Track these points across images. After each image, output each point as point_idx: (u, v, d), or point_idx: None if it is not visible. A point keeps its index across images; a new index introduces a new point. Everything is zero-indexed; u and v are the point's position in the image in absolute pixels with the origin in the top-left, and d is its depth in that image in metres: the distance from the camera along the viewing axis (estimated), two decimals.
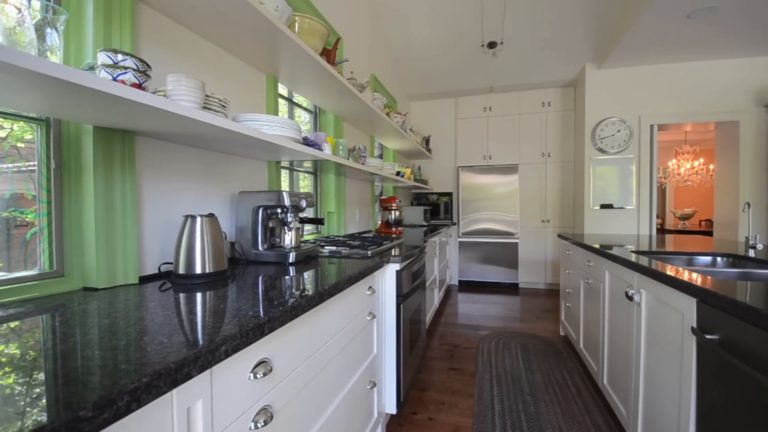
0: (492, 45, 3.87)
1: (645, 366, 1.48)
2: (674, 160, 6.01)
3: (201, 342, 0.64)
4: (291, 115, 2.22)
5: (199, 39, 1.40)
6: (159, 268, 1.21)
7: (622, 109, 4.01)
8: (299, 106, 2.36)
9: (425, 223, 4.17)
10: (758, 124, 3.64)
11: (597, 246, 2.11)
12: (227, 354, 0.67)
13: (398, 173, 3.27)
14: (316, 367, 1.07)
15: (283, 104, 2.18)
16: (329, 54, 1.82)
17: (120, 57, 0.89)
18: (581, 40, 3.75)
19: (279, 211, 1.45)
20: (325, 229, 2.55)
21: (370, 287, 1.53)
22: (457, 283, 5.05)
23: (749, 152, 3.67)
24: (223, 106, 1.16)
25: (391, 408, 1.76)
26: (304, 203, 1.47)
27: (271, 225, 1.48)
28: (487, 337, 3.03)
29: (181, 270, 1.12)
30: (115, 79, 0.86)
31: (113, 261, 1.06)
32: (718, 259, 1.82)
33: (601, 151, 4.07)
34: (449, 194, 5.04)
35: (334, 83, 1.85)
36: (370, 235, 2.70)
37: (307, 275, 1.25)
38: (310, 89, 1.95)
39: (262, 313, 0.80)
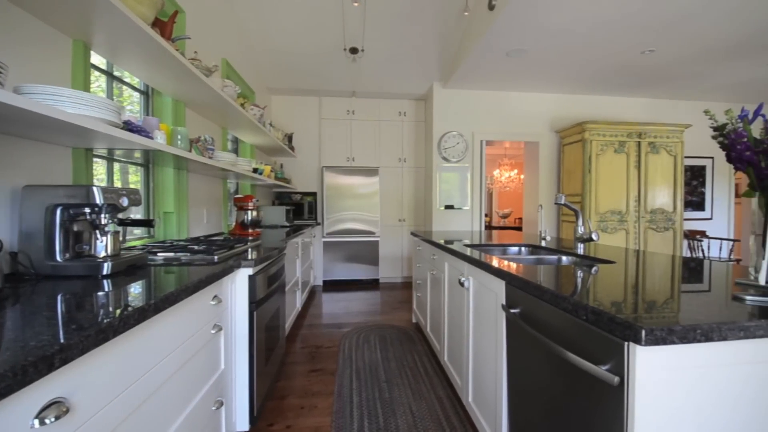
0: (354, 50, 4.00)
1: (473, 340, 1.74)
2: (498, 170, 7.38)
3: None
4: (110, 93, 1.81)
5: None
6: None
7: (460, 124, 4.70)
8: (127, 83, 1.96)
9: (287, 224, 4.03)
10: (551, 145, 4.81)
11: (441, 241, 2.39)
12: None
13: (256, 170, 3.06)
14: (140, 396, 0.89)
15: (102, 80, 1.77)
16: (164, 27, 1.56)
17: None
18: (431, 61, 4.23)
19: (88, 211, 1.15)
20: (161, 232, 2.18)
21: (215, 296, 1.37)
22: (321, 283, 5.06)
23: (546, 166, 4.80)
24: None
25: (243, 425, 1.62)
26: (125, 201, 1.20)
27: (76, 229, 1.16)
28: (348, 334, 3.11)
29: None
30: None
31: None
32: (523, 248, 2.30)
33: (445, 159, 4.67)
34: (314, 194, 5.00)
35: (170, 61, 1.58)
36: (221, 238, 2.45)
37: (128, 289, 1.03)
38: (139, 64, 1.62)
39: (57, 341, 0.62)
